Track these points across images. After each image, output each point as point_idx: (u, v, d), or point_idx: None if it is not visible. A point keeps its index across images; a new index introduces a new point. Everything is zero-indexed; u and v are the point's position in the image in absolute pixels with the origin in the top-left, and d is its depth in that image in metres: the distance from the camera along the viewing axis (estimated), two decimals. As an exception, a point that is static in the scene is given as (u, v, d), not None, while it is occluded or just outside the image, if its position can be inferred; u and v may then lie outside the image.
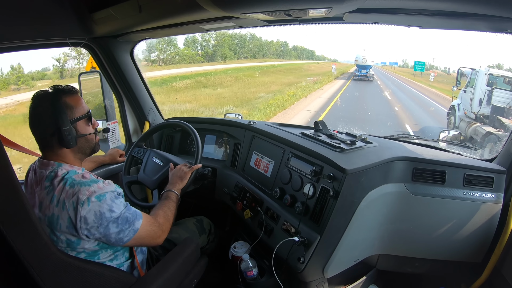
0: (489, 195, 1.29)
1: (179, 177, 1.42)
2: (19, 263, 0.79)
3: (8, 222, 0.76)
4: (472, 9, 0.93)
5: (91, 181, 0.98)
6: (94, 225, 0.93)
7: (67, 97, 1.03)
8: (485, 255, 1.33)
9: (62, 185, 0.95)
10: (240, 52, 33.20)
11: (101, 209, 0.94)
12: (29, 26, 1.22)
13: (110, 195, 0.98)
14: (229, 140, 1.91)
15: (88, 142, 1.10)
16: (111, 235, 0.97)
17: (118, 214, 0.98)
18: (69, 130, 1.00)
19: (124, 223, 0.99)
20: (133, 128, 2.05)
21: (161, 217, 1.17)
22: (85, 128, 1.08)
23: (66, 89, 1.05)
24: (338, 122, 8.98)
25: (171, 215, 1.22)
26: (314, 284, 1.29)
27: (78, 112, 1.05)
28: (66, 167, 1.01)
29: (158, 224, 1.12)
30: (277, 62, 34.27)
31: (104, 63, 1.79)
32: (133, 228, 1.01)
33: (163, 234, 1.14)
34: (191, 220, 1.54)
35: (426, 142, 1.64)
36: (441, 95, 16.30)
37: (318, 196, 1.25)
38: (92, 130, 1.12)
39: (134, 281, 1.05)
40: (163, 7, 1.17)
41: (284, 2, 0.95)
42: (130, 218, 1.01)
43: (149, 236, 1.08)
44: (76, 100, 1.06)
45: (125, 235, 1.00)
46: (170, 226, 1.19)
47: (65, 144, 1.01)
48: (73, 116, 1.04)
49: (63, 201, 0.93)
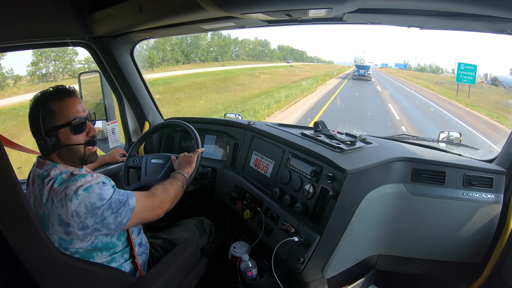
0: (489, 196, 1.29)
1: (187, 162, 1.41)
2: (19, 264, 0.79)
3: (8, 222, 0.76)
4: (472, 10, 0.93)
5: (78, 176, 0.95)
6: (87, 216, 0.91)
7: (53, 102, 0.97)
8: (485, 256, 1.33)
9: (51, 183, 0.93)
10: (194, 55, 25.43)
11: (90, 199, 0.92)
12: (29, 26, 1.22)
13: (97, 185, 0.95)
14: (229, 140, 1.91)
15: (72, 152, 1.01)
16: (110, 222, 0.95)
17: (108, 199, 0.95)
18: (43, 139, 0.96)
19: (118, 206, 0.97)
20: (133, 128, 2.05)
21: (158, 189, 1.15)
22: (69, 137, 0.99)
23: (54, 94, 0.99)
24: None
25: (171, 188, 1.20)
26: (313, 284, 1.29)
27: (60, 119, 0.98)
28: (61, 167, 0.99)
29: (153, 196, 1.10)
30: (248, 65, 27.92)
31: (104, 63, 1.79)
32: (129, 207, 0.99)
33: (162, 205, 1.12)
34: (192, 221, 1.54)
35: (426, 143, 1.64)
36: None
37: (318, 197, 1.25)
38: (79, 140, 1.01)
39: (134, 281, 1.05)
40: (163, 7, 1.17)
41: (284, 2, 0.95)
42: (122, 199, 0.99)
43: (147, 209, 1.06)
44: (62, 105, 0.98)
45: (123, 217, 0.98)
46: (170, 199, 1.16)
47: (41, 152, 0.98)
48: (54, 124, 0.97)
49: (51, 199, 0.91)
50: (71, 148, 1.01)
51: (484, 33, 1.21)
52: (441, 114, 11.84)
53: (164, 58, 22.31)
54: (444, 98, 15.75)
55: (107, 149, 1.84)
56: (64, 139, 0.99)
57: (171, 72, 19.93)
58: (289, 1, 0.95)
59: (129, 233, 1.11)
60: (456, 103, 14.19)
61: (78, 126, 1.00)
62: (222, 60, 28.27)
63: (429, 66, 37.84)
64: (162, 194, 1.14)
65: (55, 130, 0.98)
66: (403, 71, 33.81)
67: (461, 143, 1.64)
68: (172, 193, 1.19)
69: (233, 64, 26.95)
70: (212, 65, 25.50)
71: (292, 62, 37.45)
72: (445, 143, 1.66)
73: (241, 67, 25.58)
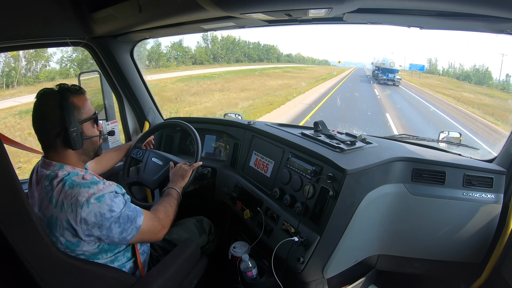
0: (489, 196, 1.29)
1: (180, 176, 1.42)
2: (19, 264, 0.79)
3: (9, 222, 0.76)
4: (472, 10, 0.93)
5: (91, 182, 0.96)
6: (95, 225, 0.92)
7: (75, 97, 1.01)
8: (485, 256, 1.34)
9: (61, 186, 0.93)
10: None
11: (101, 210, 0.93)
12: (29, 26, 1.21)
13: (109, 195, 0.96)
14: (229, 140, 1.91)
15: (92, 144, 1.08)
16: (115, 236, 0.96)
17: (118, 213, 0.96)
18: (76, 131, 0.99)
19: (126, 221, 0.98)
20: (133, 128, 2.05)
21: (161, 212, 1.17)
22: (91, 130, 1.07)
23: (73, 89, 1.02)
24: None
25: (171, 211, 1.22)
26: (313, 284, 1.29)
27: (85, 113, 1.04)
28: (68, 168, 0.99)
29: (158, 219, 1.12)
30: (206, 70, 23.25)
31: (104, 63, 1.79)
32: (135, 225, 1.01)
33: (163, 229, 1.14)
34: (191, 220, 1.54)
35: (426, 143, 1.64)
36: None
37: (318, 197, 1.25)
38: (97, 132, 1.10)
39: (134, 281, 1.05)
40: (163, 7, 1.16)
41: (284, 2, 0.95)
42: (131, 216, 1.00)
43: (150, 231, 1.07)
44: (83, 100, 1.04)
45: (128, 233, 0.99)
46: (170, 222, 1.19)
47: (71, 146, 0.98)
48: (80, 117, 1.02)
49: (61, 203, 0.91)
50: (92, 140, 1.08)
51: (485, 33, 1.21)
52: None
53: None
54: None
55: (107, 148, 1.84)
56: (87, 131, 1.06)
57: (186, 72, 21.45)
58: (289, 1, 0.95)
59: None
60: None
61: (96, 119, 1.09)
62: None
63: (472, 71, 28.51)
64: (165, 218, 1.16)
65: (83, 123, 1.03)
66: (419, 74, 27.77)
67: (461, 143, 1.64)
68: (171, 215, 1.21)
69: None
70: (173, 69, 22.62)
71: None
72: (445, 143, 1.66)
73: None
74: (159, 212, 1.16)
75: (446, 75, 31.48)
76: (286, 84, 20.70)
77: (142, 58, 15.90)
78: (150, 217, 1.10)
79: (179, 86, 16.80)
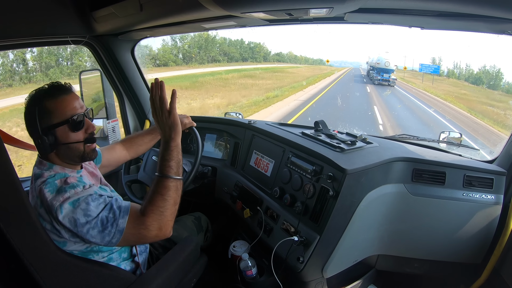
0: (489, 197, 1.29)
1: (169, 125, 1.14)
2: (18, 262, 0.79)
3: (8, 220, 0.76)
4: (473, 10, 0.93)
5: (70, 186, 0.91)
6: (72, 230, 0.89)
7: (48, 100, 0.94)
8: (485, 256, 1.33)
9: (42, 186, 0.91)
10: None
11: (74, 215, 0.88)
12: (31, 24, 1.22)
13: (85, 198, 0.90)
14: (229, 139, 1.91)
15: (71, 150, 0.98)
16: (97, 240, 0.90)
17: (95, 216, 0.89)
18: (40, 138, 0.93)
19: (105, 225, 0.90)
20: (133, 126, 2.05)
21: (150, 214, 0.96)
22: (67, 135, 0.96)
23: (49, 91, 0.96)
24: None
25: (166, 205, 1.00)
26: (313, 284, 1.29)
27: (57, 117, 0.94)
28: (57, 169, 0.97)
29: (145, 226, 0.95)
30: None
31: (105, 61, 1.79)
32: (117, 229, 0.91)
33: (161, 230, 0.97)
34: (189, 217, 1.54)
35: (426, 143, 1.64)
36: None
37: (318, 196, 1.25)
38: (78, 137, 0.98)
39: (134, 279, 1.05)
40: (164, 6, 1.17)
41: (286, 1, 0.95)
42: (111, 218, 0.91)
43: (139, 238, 0.96)
44: (57, 103, 0.95)
45: (111, 237, 0.91)
46: (169, 218, 0.99)
47: (38, 152, 0.95)
48: (50, 122, 0.94)
49: (40, 204, 0.90)
50: (69, 146, 0.97)
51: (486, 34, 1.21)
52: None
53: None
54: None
55: None
56: (62, 137, 0.96)
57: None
58: (290, 1, 0.95)
59: None
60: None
61: (76, 124, 0.97)
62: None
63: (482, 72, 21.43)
64: (156, 219, 0.96)
65: (53, 129, 0.95)
66: (433, 78, 22.01)
67: (461, 144, 1.64)
68: (168, 211, 0.99)
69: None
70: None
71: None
72: (446, 144, 1.66)
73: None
74: (147, 216, 0.96)
75: (463, 79, 23.40)
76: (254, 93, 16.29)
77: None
78: (135, 223, 0.94)
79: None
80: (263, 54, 34.72)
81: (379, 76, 20.39)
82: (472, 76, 23.51)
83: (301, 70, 30.96)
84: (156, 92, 1.06)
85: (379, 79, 20.30)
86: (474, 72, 23.91)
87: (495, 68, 21.77)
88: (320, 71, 30.34)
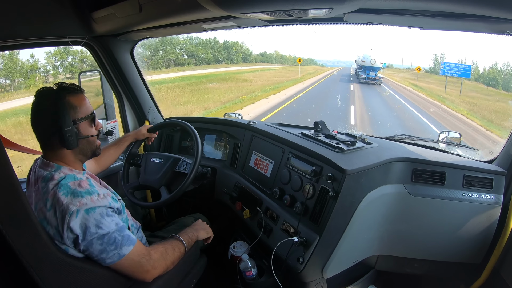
0: (489, 197, 1.29)
1: (200, 229, 1.32)
2: (18, 263, 0.78)
3: (8, 222, 0.76)
4: (472, 11, 0.93)
5: (85, 192, 0.94)
6: (79, 237, 0.90)
7: (71, 96, 1.01)
8: (484, 256, 1.33)
9: (56, 189, 0.92)
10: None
11: (87, 222, 0.90)
12: (30, 25, 1.21)
13: (100, 210, 0.93)
14: (228, 140, 1.91)
15: (89, 144, 1.07)
16: (94, 252, 0.92)
17: (105, 232, 0.92)
18: (71, 130, 0.97)
19: (111, 243, 0.93)
20: (133, 127, 2.05)
21: (157, 252, 1.07)
22: (88, 129, 1.06)
23: (70, 88, 1.02)
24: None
25: (171, 255, 1.11)
26: (313, 284, 1.29)
27: (81, 112, 1.03)
28: (65, 170, 0.98)
29: (149, 258, 1.02)
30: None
31: (104, 62, 1.79)
32: (119, 252, 0.94)
33: (153, 271, 1.03)
34: (189, 218, 1.54)
35: (426, 143, 1.64)
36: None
37: (318, 197, 1.25)
38: (94, 132, 1.09)
39: (134, 280, 1.04)
40: (163, 6, 1.16)
41: (285, 2, 0.95)
42: (119, 241, 0.94)
43: (134, 266, 0.99)
44: (80, 99, 1.03)
45: (108, 256, 0.93)
46: (164, 267, 1.07)
47: (66, 145, 0.98)
48: (76, 117, 1.01)
49: (54, 207, 0.90)
50: (89, 140, 1.06)
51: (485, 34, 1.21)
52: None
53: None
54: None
55: None
56: (85, 131, 1.04)
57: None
58: (289, 1, 0.94)
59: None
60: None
61: (94, 119, 1.08)
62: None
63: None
64: (159, 259, 1.05)
65: (78, 123, 1.02)
66: (461, 83, 16.02)
67: (461, 144, 1.64)
68: (169, 261, 1.10)
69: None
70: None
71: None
72: (445, 144, 1.66)
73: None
74: (155, 251, 1.06)
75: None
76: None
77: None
78: (141, 252, 1.00)
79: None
80: (241, 54, 30.88)
81: (365, 74, 19.82)
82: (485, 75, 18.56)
83: (267, 74, 24.72)
84: None
85: (365, 78, 19.68)
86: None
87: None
88: (294, 74, 25.16)
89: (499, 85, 18.42)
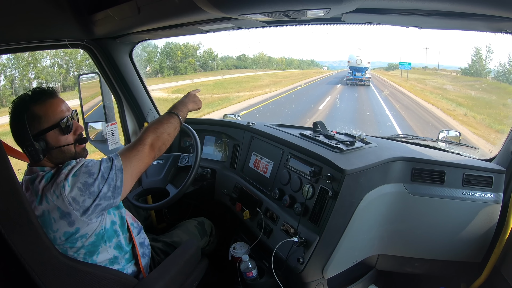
0: (489, 195, 1.29)
1: (190, 102, 1.28)
2: (20, 267, 0.78)
3: (9, 225, 0.76)
4: (470, 9, 0.93)
5: (63, 167, 0.93)
6: (84, 198, 0.89)
7: (35, 105, 0.94)
8: (485, 255, 1.34)
9: (42, 182, 0.91)
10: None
11: (81, 180, 0.90)
12: (28, 28, 1.21)
13: (82, 166, 0.93)
14: (228, 141, 1.91)
15: (63, 153, 0.99)
16: (105, 191, 0.92)
17: (98, 172, 0.92)
18: (32, 145, 0.92)
19: (107, 173, 0.93)
20: (132, 129, 2.05)
21: (147, 131, 1.06)
22: (58, 138, 0.97)
23: (35, 96, 0.95)
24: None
25: (161, 127, 1.10)
26: (313, 284, 1.29)
27: (47, 122, 0.95)
28: (49, 169, 0.97)
29: (140, 141, 1.03)
30: None
31: (103, 65, 1.79)
32: (117, 169, 0.95)
33: (153, 147, 1.04)
34: (192, 222, 1.54)
35: (425, 142, 1.64)
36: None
37: (317, 197, 1.25)
38: (69, 139, 1.00)
39: (135, 283, 1.05)
40: (162, 8, 1.16)
41: (283, 3, 0.95)
42: (109, 165, 0.94)
43: (137, 159, 1.00)
44: (46, 107, 0.95)
45: (115, 180, 0.94)
46: (161, 139, 1.07)
47: (30, 159, 0.94)
48: (40, 128, 0.94)
49: (45, 196, 0.89)
50: (62, 149, 0.99)
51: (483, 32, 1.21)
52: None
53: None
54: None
55: (106, 151, 1.84)
56: (54, 141, 0.97)
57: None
58: (287, 2, 0.94)
59: (130, 232, 1.11)
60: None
61: (66, 127, 0.98)
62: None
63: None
64: (152, 135, 1.05)
65: (43, 134, 0.95)
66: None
67: (460, 143, 1.64)
68: (160, 131, 1.08)
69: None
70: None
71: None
72: (444, 143, 1.66)
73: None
74: (143, 133, 1.06)
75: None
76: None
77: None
78: (128, 148, 1.01)
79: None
80: (193, 61, 24.32)
81: (351, 76, 19.04)
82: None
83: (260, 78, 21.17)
84: None
85: (351, 79, 18.84)
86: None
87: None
88: (255, 80, 21.47)
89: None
